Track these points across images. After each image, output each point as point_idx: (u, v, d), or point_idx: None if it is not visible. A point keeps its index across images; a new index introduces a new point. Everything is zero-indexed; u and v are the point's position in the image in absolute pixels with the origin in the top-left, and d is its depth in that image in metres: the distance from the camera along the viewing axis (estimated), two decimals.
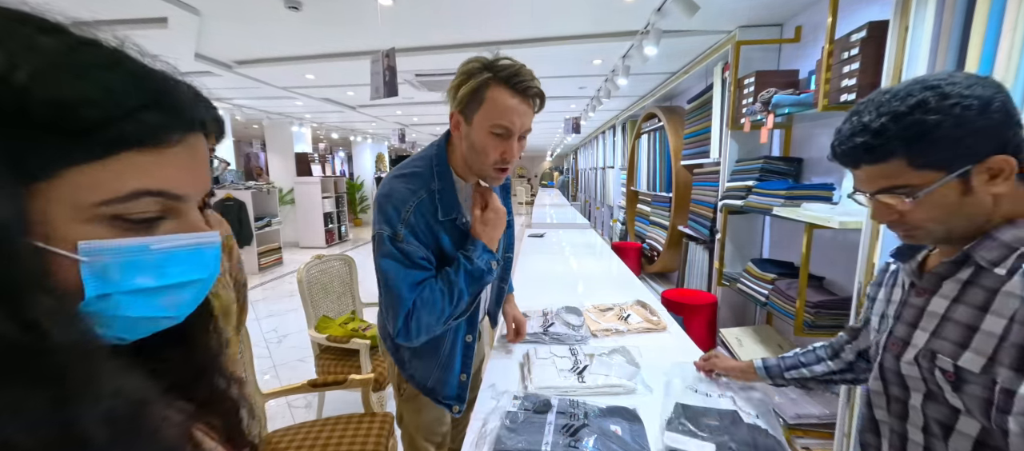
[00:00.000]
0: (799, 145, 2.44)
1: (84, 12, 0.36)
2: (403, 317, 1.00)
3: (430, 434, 1.31)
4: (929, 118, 0.63)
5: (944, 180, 0.65)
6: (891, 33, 1.38)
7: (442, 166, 1.06)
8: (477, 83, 0.96)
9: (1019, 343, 0.60)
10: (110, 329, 0.34)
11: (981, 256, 0.67)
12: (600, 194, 8.06)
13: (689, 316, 2.74)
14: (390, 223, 1.00)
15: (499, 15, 2.66)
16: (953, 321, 0.69)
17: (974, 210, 0.67)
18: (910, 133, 0.64)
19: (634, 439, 0.97)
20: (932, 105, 0.62)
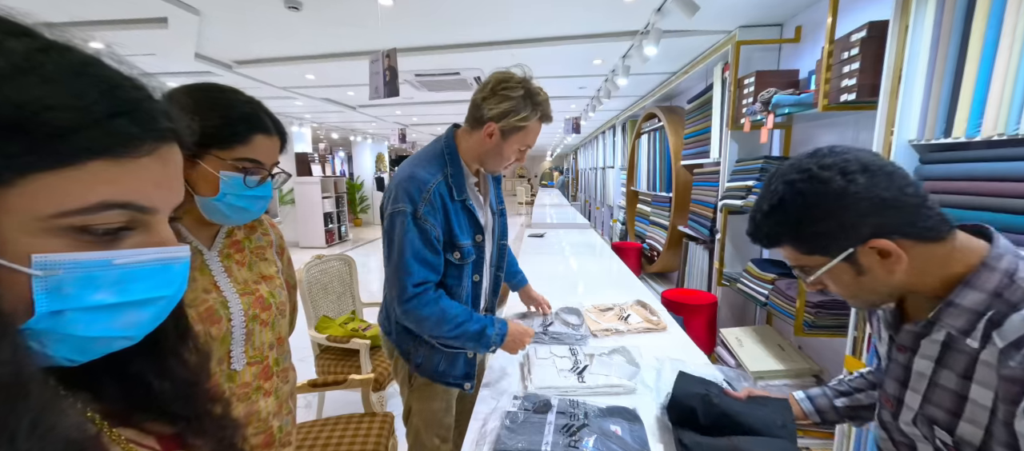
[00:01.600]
0: (799, 145, 2.44)
1: (85, 12, 0.35)
2: (410, 292, 1.14)
3: (437, 426, 1.35)
4: (791, 215, 0.65)
5: (828, 265, 0.66)
6: (891, 33, 1.38)
7: (453, 156, 1.22)
8: (526, 119, 1.16)
9: (1008, 422, 0.57)
10: (58, 350, 0.32)
11: (949, 325, 0.64)
12: (600, 194, 8.06)
13: (689, 316, 2.74)
14: (412, 201, 1.14)
15: (499, 15, 2.66)
16: (941, 387, 0.66)
17: (880, 284, 0.66)
18: (783, 227, 0.67)
19: (634, 439, 0.97)
20: (788, 203, 0.65)
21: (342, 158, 13.71)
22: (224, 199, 0.77)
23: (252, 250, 0.92)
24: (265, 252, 0.94)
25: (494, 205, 1.39)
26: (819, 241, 0.66)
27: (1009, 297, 0.60)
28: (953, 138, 1.19)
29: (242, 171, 0.77)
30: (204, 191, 0.76)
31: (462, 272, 1.24)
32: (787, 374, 2.08)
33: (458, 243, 1.20)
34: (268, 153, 0.81)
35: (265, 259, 0.94)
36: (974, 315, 0.62)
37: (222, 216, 0.80)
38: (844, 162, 0.62)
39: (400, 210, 1.14)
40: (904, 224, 0.62)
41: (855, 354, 1.51)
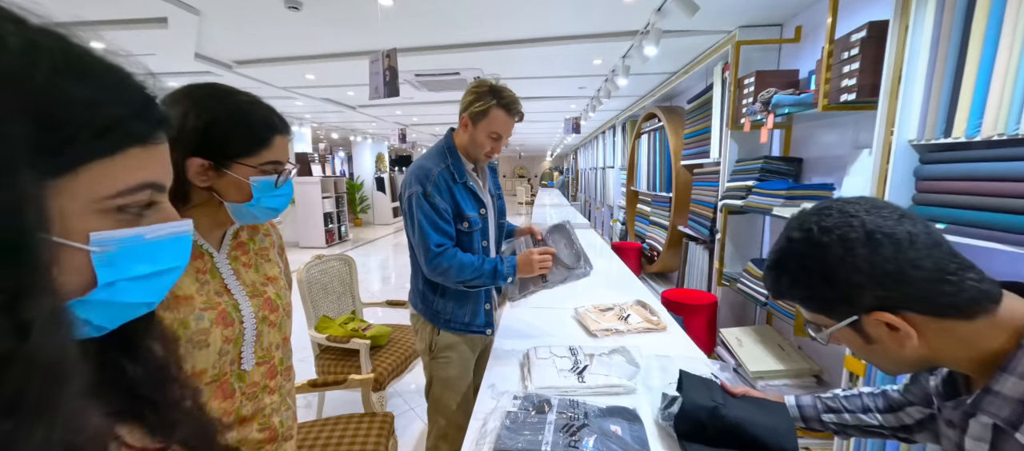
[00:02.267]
0: (799, 145, 2.44)
1: (85, 12, 0.36)
2: (433, 251, 1.40)
3: (454, 392, 1.56)
4: (791, 275, 0.64)
5: (833, 329, 0.64)
6: (891, 33, 1.38)
7: (452, 150, 1.50)
8: (486, 105, 1.41)
9: None
10: (96, 318, 0.36)
11: (992, 415, 0.57)
12: (600, 194, 8.06)
13: (689, 316, 2.74)
14: (421, 184, 1.41)
15: (499, 15, 2.66)
16: None
17: (894, 356, 0.62)
18: (792, 286, 0.65)
19: (634, 439, 0.97)
20: (786, 262, 0.63)
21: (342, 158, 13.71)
22: (259, 203, 0.80)
23: (256, 251, 0.92)
24: (268, 253, 0.95)
25: (492, 190, 1.63)
26: (820, 304, 0.63)
27: None
28: (953, 138, 1.19)
29: (270, 173, 0.80)
30: (235, 198, 0.79)
31: (472, 238, 1.50)
32: (787, 374, 2.08)
33: (466, 215, 1.47)
34: (285, 151, 0.84)
35: (269, 260, 0.94)
36: (1016, 404, 0.54)
37: (253, 218, 0.83)
38: (847, 228, 0.58)
39: (413, 192, 1.41)
40: (913, 299, 0.57)
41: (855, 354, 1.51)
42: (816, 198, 1.95)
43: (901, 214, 0.59)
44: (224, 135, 0.75)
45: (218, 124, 0.75)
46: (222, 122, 0.75)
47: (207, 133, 0.74)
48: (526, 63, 3.66)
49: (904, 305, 0.58)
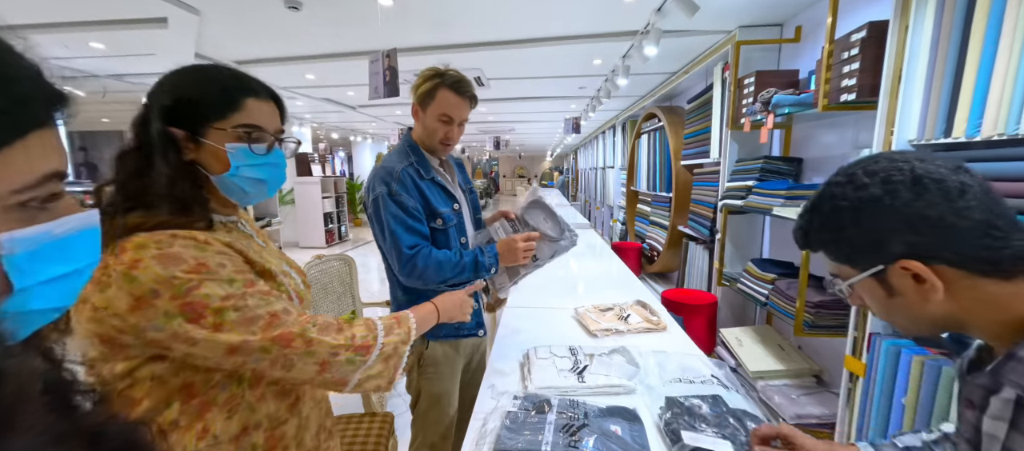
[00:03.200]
0: (799, 145, 2.44)
1: (85, 12, 0.36)
2: (406, 254, 1.30)
3: (444, 404, 1.46)
4: (822, 217, 0.62)
5: (855, 279, 0.61)
6: (891, 33, 1.38)
7: (414, 147, 1.42)
8: (432, 85, 1.35)
9: None
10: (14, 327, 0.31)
11: (1014, 383, 0.54)
12: (600, 194, 8.06)
13: (689, 316, 2.74)
14: (386, 183, 1.32)
15: (499, 15, 2.66)
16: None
17: (916, 312, 0.59)
18: (821, 229, 0.63)
19: (634, 439, 0.97)
20: (822, 204, 0.61)
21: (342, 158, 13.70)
22: (238, 173, 0.76)
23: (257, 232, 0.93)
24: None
25: (462, 184, 1.55)
26: (846, 250, 0.62)
27: None
28: (953, 138, 1.19)
29: (245, 139, 0.75)
30: (217, 169, 0.75)
31: (448, 236, 1.41)
32: (787, 374, 2.08)
33: (438, 211, 1.38)
34: (266, 118, 0.78)
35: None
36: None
37: (241, 193, 0.79)
38: (894, 171, 0.56)
39: (378, 194, 1.32)
40: (947, 249, 0.55)
41: (855, 354, 1.52)
42: None
43: (958, 166, 0.56)
44: (192, 98, 0.73)
45: (185, 87, 0.74)
46: (188, 86, 0.74)
47: (177, 99, 0.72)
48: (526, 63, 3.66)
49: (936, 255, 0.55)
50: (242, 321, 0.66)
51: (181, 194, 0.70)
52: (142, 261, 0.62)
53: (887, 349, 1.34)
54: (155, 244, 0.64)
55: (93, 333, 0.64)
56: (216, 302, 0.65)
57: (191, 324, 0.63)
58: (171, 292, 0.62)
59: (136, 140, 0.72)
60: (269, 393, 0.77)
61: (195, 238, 0.67)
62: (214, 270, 0.66)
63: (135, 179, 0.70)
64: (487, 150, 16.53)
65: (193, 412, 0.69)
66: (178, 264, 0.64)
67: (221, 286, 0.66)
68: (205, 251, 0.67)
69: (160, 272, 0.62)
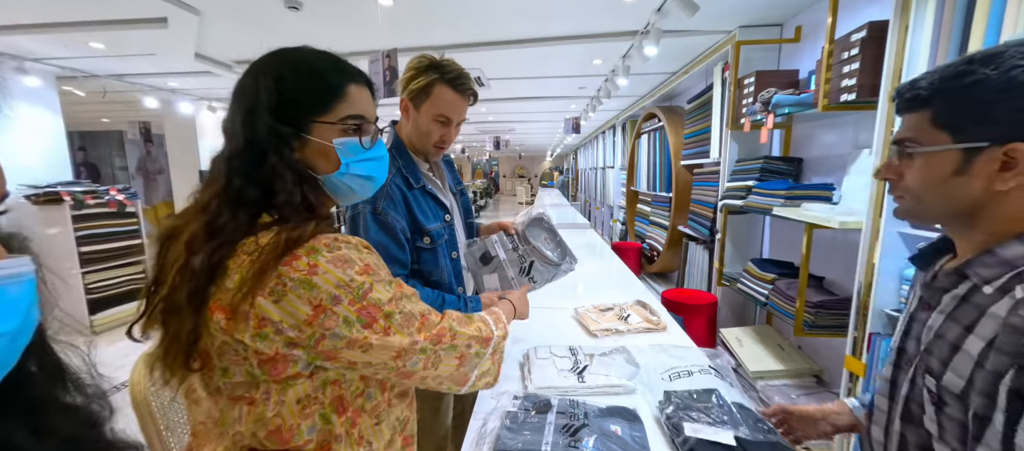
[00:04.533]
0: (799, 145, 2.44)
1: (85, 12, 0.34)
2: None
3: (433, 430, 1.36)
4: (973, 71, 0.56)
5: (944, 147, 0.60)
6: (891, 33, 1.38)
7: (401, 149, 1.24)
8: (426, 81, 1.16)
9: (994, 370, 0.54)
10: None
11: (975, 272, 0.62)
12: (600, 194, 8.06)
13: (689, 316, 2.74)
14: (370, 199, 1.08)
15: (499, 15, 2.66)
16: (943, 338, 0.64)
17: (957, 195, 0.61)
18: (945, 85, 0.59)
19: (634, 439, 0.97)
20: (989, 59, 0.56)
21: None
22: (349, 170, 0.68)
23: None
24: None
25: (453, 187, 1.41)
26: (963, 117, 0.58)
27: None
28: None
29: (354, 132, 0.68)
30: (325, 168, 0.68)
31: (437, 254, 1.25)
32: (787, 374, 2.08)
33: (425, 229, 1.22)
34: (367, 105, 0.71)
35: None
36: (1005, 267, 0.59)
37: (349, 192, 0.72)
38: None
39: (359, 211, 1.15)
40: None
41: (855, 354, 1.52)
42: (816, 198, 1.95)
43: None
44: (293, 90, 0.65)
45: (284, 79, 0.65)
46: (288, 77, 0.65)
47: (280, 92, 0.64)
48: (526, 63, 3.66)
49: None
50: (404, 323, 0.65)
51: (307, 197, 0.65)
52: (319, 266, 0.58)
53: (887, 349, 1.34)
54: (326, 247, 0.60)
55: (256, 352, 0.59)
56: (385, 305, 0.63)
57: (367, 329, 0.61)
58: (350, 296, 0.60)
59: (242, 140, 0.63)
60: (393, 395, 0.76)
61: (349, 240, 0.65)
62: (376, 272, 0.64)
63: (252, 185, 0.62)
64: (487, 150, 16.53)
65: (349, 423, 0.68)
66: (352, 267, 0.61)
67: (385, 289, 0.64)
68: (364, 253, 0.65)
69: (340, 276, 0.59)
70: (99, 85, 4.17)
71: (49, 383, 0.32)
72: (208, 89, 4.85)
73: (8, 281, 0.27)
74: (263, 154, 0.62)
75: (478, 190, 14.61)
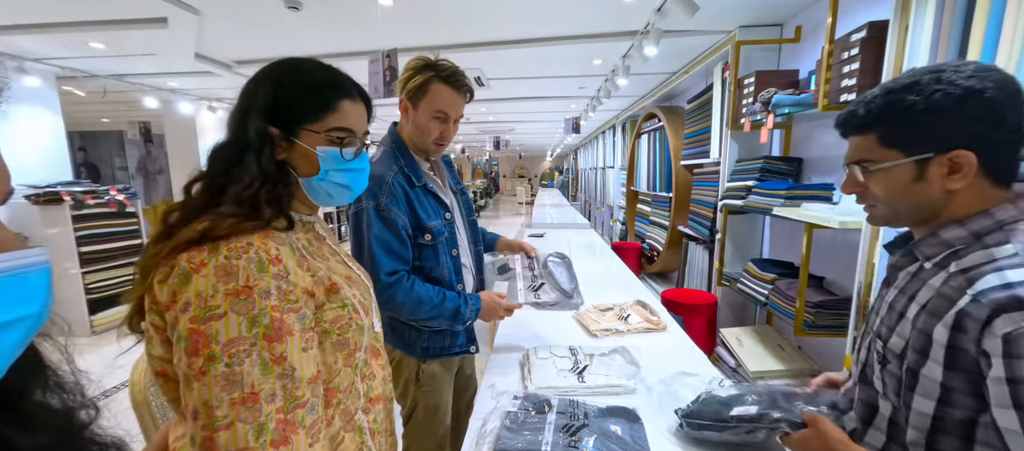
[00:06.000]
0: (799, 145, 2.44)
1: (85, 12, 0.34)
2: (385, 282, 1.17)
3: (441, 414, 1.41)
4: (908, 99, 0.65)
5: (898, 162, 0.68)
6: (891, 33, 1.38)
7: (402, 149, 1.28)
8: (423, 79, 1.21)
9: (923, 329, 0.66)
10: None
11: (920, 251, 0.72)
12: (600, 194, 8.06)
13: (689, 316, 2.74)
14: (374, 196, 1.18)
15: (499, 15, 2.66)
16: (893, 309, 0.74)
17: (921, 198, 0.69)
18: (886, 111, 0.68)
19: (634, 439, 0.97)
20: (921, 86, 0.65)
21: None
22: (326, 177, 0.74)
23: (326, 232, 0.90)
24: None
25: (453, 186, 1.45)
26: (907, 136, 0.67)
27: (987, 239, 0.65)
28: None
29: (337, 143, 0.73)
30: (306, 171, 0.73)
31: (437, 251, 1.29)
32: (787, 374, 2.08)
33: (426, 226, 1.26)
34: (357, 120, 0.76)
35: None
36: (944, 247, 0.69)
37: (326, 197, 0.77)
38: (985, 71, 0.64)
39: (363, 207, 1.18)
40: (991, 151, 0.64)
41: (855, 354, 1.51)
42: (816, 198, 1.95)
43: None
44: (289, 97, 0.71)
45: (282, 86, 0.71)
46: (286, 85, 0.72)
47: (276, 98, 0.70)
48: (526, 63, 3.66)
49: (982, 153, 0.64)
50: (224, 380, 0.56)
51: (258, 196, 0.66)
52: (206, 266, 0.58)
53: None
54: (227, 251, 0.59)
55: (152, 325, 0.61)
56: (218, 345, 0.56)
57: (188, 356, 0.56)
58: (194, 312, 0.57)
59: (232, 135, 0.70)
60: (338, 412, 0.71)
61: (267, 251, 0.62)
62: (251, 299, 0.59)
63: (223, 176, 0.67)
64: (487, 150, 16.53)
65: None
66: (228, 281, 0.58)
67: (239, 324, 0.57)
68: (264, 271, 0.61)
69: (205, 285, 0.57)
70: (99, 85, 4.17)
71: (29, 376, 0.33)
72: (208, 89, 4.85)
73: (30, 268, 0.30)
74: (244, 151, 0.67)
75: (478, 190, 14.61)
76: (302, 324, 0.64)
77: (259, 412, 0.57)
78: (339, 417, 0.71)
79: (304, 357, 0.63)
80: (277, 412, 0.58)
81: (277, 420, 0.58)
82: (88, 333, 3.65)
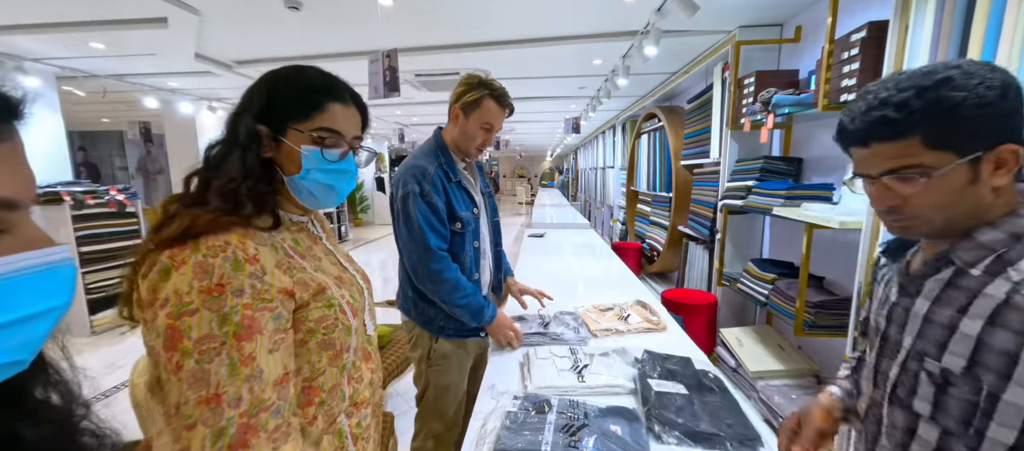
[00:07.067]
0: (799, 145, 2.44)
1: (85, 12, 0.34)
2: (435, 252, 1.38)
3: (451, 400, 1.53)
4: (954, 95, 0.59)
5: (957, 163, 0.62)
6: (891, 33, 1.38)
7: (444, 148, 1.50)
8: (479, 95, 1.43)
9: (1004, 349, 0.58)
10: None
11: (958, 257, 0.66)
12: (600, 194, 8.06)
13: (689, 316, 2.74)
14: (418, 182, 1.39)
15: (499, 15, 2.66)
16: (934, 323, 0.67)
17: (975, 201, 0.64)
18: (933, 109, 0.61)
19: (634, 439, 0.97)
20: (957, 82, 0.60)
21: None
22: (308, 176, 0.74)
23: (326, 232, 0.91)
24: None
25: (483, 189, 1.64)
26: (961, 134, 0.61)
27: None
28: None
29: (319, 143, 0.74)
30: (290, 170, 0.75)
31: (464, 239, 1.48)
32: (787, 374, 2.08)
33: (459, 215, 1.45)
34: (346, 124, 0.77)
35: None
36: (985, 251, 0.64)
37: (311, 197, 0.77)
38: (993, 65, 0.62)
39: (411, 191, 1.39)
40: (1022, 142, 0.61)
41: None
42: (816, 198, 1.95)
43: None
44: (281, 97, 0.74)
45: (276, 85, 0.74)
46: (280, 87, 0.75)
47: (269, 98, 0.73)
48: (526, 63, 3.66)
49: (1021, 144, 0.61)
50: (192, 377, 0.57)
51: (239, 191, 0.68)
52: (186, 264, 0.59)
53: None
54: (206, 248, 0.61)
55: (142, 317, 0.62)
56: (190, 341, 0.57)
57: (166, 351, 0.57)
58: (171, 308, 0.58)
59: (225, 133, 0.73)
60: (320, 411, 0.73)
61: (245, 250, 0.63)
62: (223, 297, 0.59)
63: (212, 171, 0.69)
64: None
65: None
66: (204, 278, 0.59)
67: (210, 321, 0.58)
68: (239, 269, 0.62)
69: (182, 282, 0.58)
70: (99, 85, 4.17)
71: (35, 368, 0.34)
72: (208, 89, 4.85)
73: (60, 264, 0.32)
74: (231, 148, 0.70)
75: None
76: (277, 324, 0.65)
77: (220, 415, 0.57)
78: (322, 418, 0.72)
79: (271, 359, 0.63)
80: (240, 416, 0.59)
81: (239, 424, 0.58)
82: (88, 333, 3.65)
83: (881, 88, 0.66)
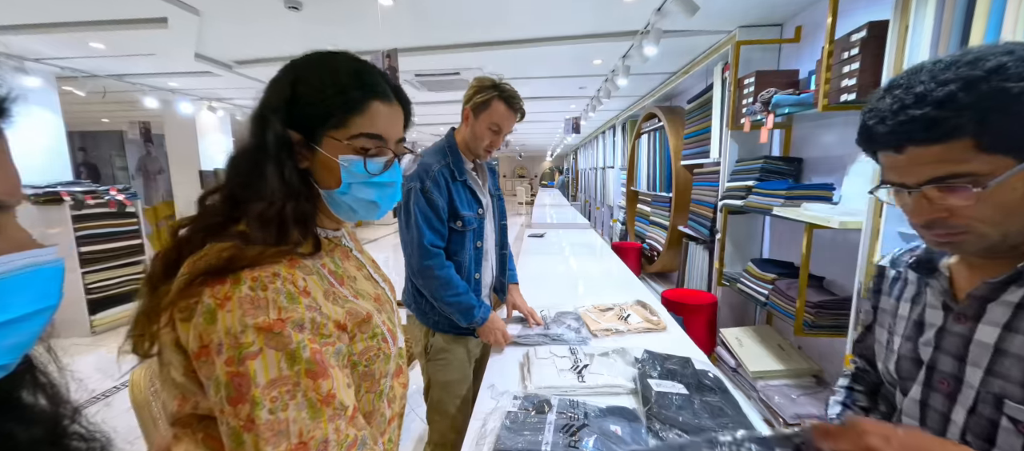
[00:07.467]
0: (799, 145, 2.44)
1: (85, 12, 0.34)
2: (428, 250, 1.40)
3: (454, 395, 1.54)
4: (1011, 86, 0.48)
5: (1017, 169, 0.50)
6: (891, 33, 1.38)
7: (453, 148, 1.51)
8: (488, 96, 1.44)
9: None
10: None
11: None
12: (600, 194, 8.06)
13: (689, 316, 2.74)
14: (421, 179, 1.41)
15: (499, 15, 2.66)
16: (1011, 355, 0.55)
17: None
18: (987, 104, 0.49)
19: (634, 439, 0.97)
20: (1012, 70, 0.48)
21: None
22: (349, 191, 0.64)
23: (354, 241, 0.85)
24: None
25: (492, 190, 1.64)
26: (1020, 134, 0.50)
27: None
28: None
29: (361, 152, 0.63)
30: (328, 183, 0.64)
31: (465, 238, 1.49)
32: (787, 374, 2.08)
33: (460, 214, 1.46)
34: (389, 125, 0.66)
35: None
36: None
37: (349, 212, 0.67)
38: None
39: (413, 187, 1.42)
40: None
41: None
42: (816, 198, 1.95)
43: None
44: (312, 95, 0.61)
45: (303, 82, 0.62)
46: (309, 81, 0.62)
47: (297, 96, 0.61)
48: (526, 63, 3.66)
49: None
50: (269, 430, 0.50)
51: (284, 215, 0.58)
52: (231, 300, 0.52)
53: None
54: (251, 281, 0.53)
55: (171, 352, 0.56)
56: (258, 388, 0.51)
57: (232, 405, 0.51)
58: (230, 353, 0.51)
59: (251, 140, 0.61)
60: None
61: (295, 283, 0.56)
62: (285, 333, 0.53)
63: (243, 189, 0.59)
64: None
65: None
66: (258, 315, 0.52)
67: (278, 362, 0.52)
68: (295, 302, 0.55)
69: (234, 321, 0.51)
70: (99, 85, 4.17)
71: (25, 369, 0.34)
72: (208, 89, 4.85)
73: (49, 264, 0.31)
74: (263, 160, 0.60)
75: None
76: (338, 360, 0.58)
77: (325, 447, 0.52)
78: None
79: (349, 393, 0.57)
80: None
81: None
82: (88, 333, 3.65)
83: (914, 81, 0.54)
